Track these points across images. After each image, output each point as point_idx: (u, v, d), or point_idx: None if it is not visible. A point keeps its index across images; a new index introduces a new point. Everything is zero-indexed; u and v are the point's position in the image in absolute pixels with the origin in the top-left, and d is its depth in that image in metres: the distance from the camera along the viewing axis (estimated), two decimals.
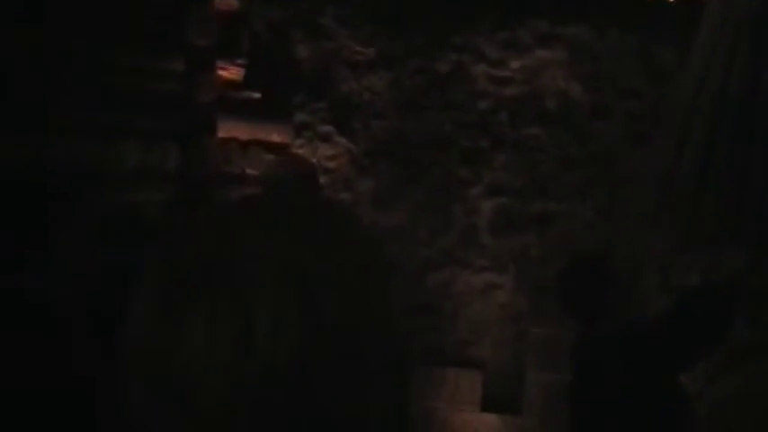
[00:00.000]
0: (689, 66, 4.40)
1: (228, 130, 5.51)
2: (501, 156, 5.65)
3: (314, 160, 5.72)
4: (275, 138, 5.68)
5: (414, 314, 5.58)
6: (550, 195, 5.61)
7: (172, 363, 1.11)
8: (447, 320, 5.55)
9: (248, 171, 5.59)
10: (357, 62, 5.76)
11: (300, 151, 5.71)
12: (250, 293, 1.11)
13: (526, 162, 5.62)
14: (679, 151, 4.59)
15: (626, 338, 3.57)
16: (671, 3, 5.56)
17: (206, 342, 1.09)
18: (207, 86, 5.41)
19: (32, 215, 4.38)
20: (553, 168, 5.63)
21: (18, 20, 5.04)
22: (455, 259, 5.60)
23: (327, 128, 5.72)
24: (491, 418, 5.32)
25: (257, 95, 5.56)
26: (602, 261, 4.22)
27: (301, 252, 1.05)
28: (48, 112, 5.11)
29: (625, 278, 5.29)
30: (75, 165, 5.16)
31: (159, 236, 4.90)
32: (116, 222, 5.32)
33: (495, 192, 5.63)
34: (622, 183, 5.57)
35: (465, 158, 5.65)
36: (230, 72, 5.48)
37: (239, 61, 5.50)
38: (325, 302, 1.05)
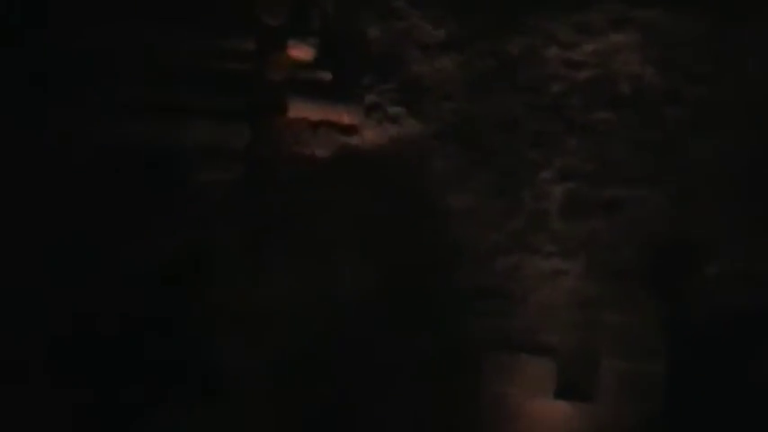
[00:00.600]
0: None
1: (299, 110, 5.49)
2: (572, 140, 5.58)
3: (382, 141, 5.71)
4: (345, 119, 5.66)
5: (482, 297, 5.54)
6: (621, 180, 5.54)
7: (257, 305, 1.22)
8: (515, 305, 5.50)
9: (318, 152, 5.57)
10: (428, 43, 5.71)
11: (370, 132, 5.68)
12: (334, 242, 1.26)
13: (597, 146, 5.55)
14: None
15: (712, 324, 3.52)
16: None
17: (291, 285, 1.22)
18: (277, 65, 5.41)
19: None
20: (624, 153, 5.56)
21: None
22: (524, 244, 5.55)
23: (397, 109, 5.68)
24: (564, 406, 5.28)
25: (328, 76, 5.53)
26: (683, 246, 4.18)
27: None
28: (121, 92, 5.14)
29: (703, 263, 5.25)
30: (148, 143, 5.18)
31: (227, 215, 4.90)
32: (186, 200, 5.35)
33: (565, 176, 5.56)
34: (695, 168, 5.50)
35: (535, 142, 5.60)
36: (301, 51, 5.47)
37: (310, 41, 5.48)
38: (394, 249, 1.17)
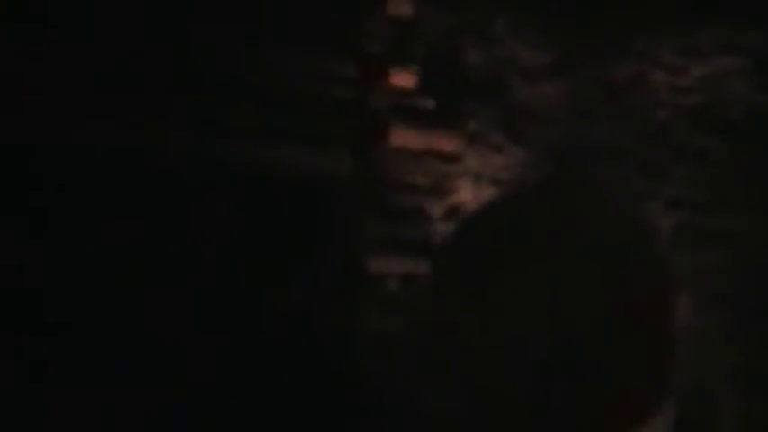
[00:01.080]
0: None
1: (400, 138, 5.40)
2: (680, 168, 5.42)
3: (485, 170, 5.59)
4: (447, 147, 5.56)
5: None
6: (733, 210, 5.36)
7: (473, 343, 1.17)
8: None
9: (419, 181, 5.48)
10: (530, 69, 5.60)
11: (472, 161, 5.58)
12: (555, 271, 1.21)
13: (708, 175, 5.39)
14: None
15: None
16: None
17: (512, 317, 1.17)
18: (380, 93, 5.33)
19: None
20: (736, 182, 5.39)
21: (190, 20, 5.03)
22: None
23: (500, 137, 5.57)
24: None
25: (430, 103, 5.45)
26: None
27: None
28: (223, 112, 5.09)
29: None
30: (248, 167, 5.12)
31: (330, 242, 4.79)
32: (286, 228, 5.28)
33: (675, 206, 5.40)
34: None
35: (642, 170, 5.44)
36: (403, 79, 5.38)
37: (413, 68, 5.40)
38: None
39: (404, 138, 5.44)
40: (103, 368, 4.65)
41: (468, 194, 5.62)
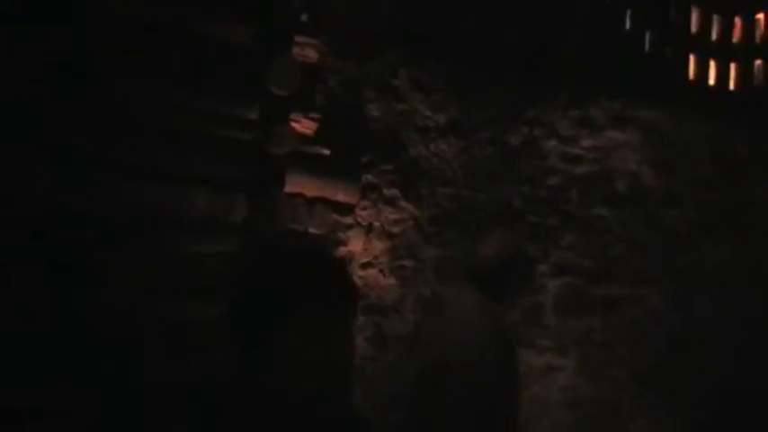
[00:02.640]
0: None
1: (296, 184, 5.28)
2: (569, 235, 5.52)
3: (377, 223, 5.53)
4: (341, 197, 5.47)
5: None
6: (618, 279, 5.49)
7: None
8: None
9: (311, 230, 5.35)
10: (427, 127, 5.60)
11: (364, 213, 5.50)
12: None
13: (594, 243, 5.50)
14: None
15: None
16: (748, 94, 5.58)
17: None
18: (281, 138, 5.19)
19: None
20: (621, 252, 5.52)
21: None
22: (518, 338, 5.40)
23: (393, 191, 5.53)
24: None
25: (327, 152, 5.35)
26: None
27: None
28: (117, 151, 4.83)
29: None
30: (141, 208, 4.87)
31: (219, 290, 4.61)
32: (177, 274, 5.03)
33: (561, 271, 5.48)
34: (693, 269, 5.50)
35: (533, 234, 5.51)
36: (303, 125, 5.27)
37: (314, 115, 5.30)
38: None
39: (299, 185, 5.31)
40: None
41: (358, 246, 5.53)
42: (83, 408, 4.58)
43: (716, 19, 6.07)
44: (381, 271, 5.49)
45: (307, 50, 5.25)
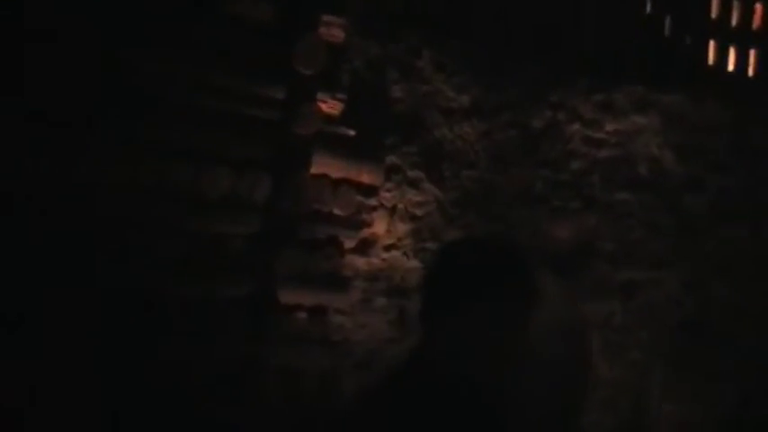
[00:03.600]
0: None
1: (321, 165, 5.25)
2: (591, 217, 5.53)
3: (401, 205, 5.52)
4: (365, 178, 5.45)
5: None
6: (638, 263, 5.51)
7: None
8: None
9: (336, 211, 5.33)
10: (451, 108, 5.59)
11: (388, 195, 5.49)
12: None
13: (616, 226, 5.51)
14: None
15: None
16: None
17: None
18: (307, 118, 5.16)
19: None
20: (642, 235, 5.54)
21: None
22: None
23: (417, 173, 5.52)
24: None
25: (352, 133, 5.33)
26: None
27: None
28: (140, 130, 4.79)
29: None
30: (165, 186, 4.84)
31: (241, 272, 4.59)
32: (200, 253, 5.01)
33: (583, 254, 5.50)
34: (711, 256, 5.53)
35: (555, 217, 5.52)
36: (329, 106, 5.24)
37: (339, 96, 5.27)
38: None
39: (324, 166, 5.28)
40: None
41: (382, 228, 5.53)
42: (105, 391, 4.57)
43: (735, 5, 6.08)
44: (405, 253, 5.48)
45: (333, 29, 5.21)
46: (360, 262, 5.47)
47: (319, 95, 5.22)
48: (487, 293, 1.89)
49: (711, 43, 6.04)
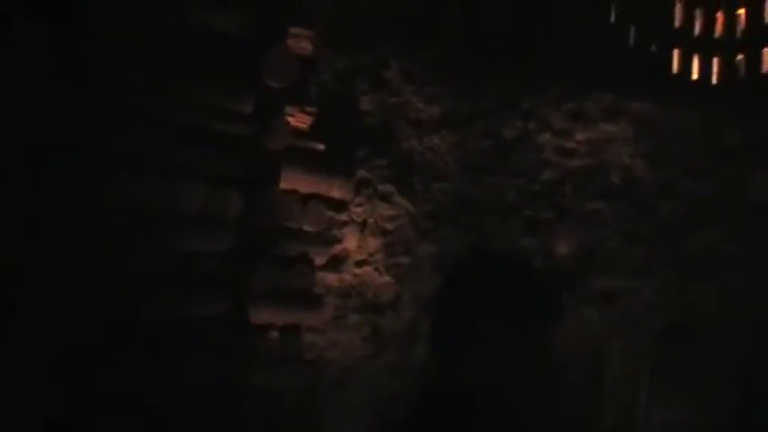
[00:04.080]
0: None
1: (290, 180, 5.12)
2: (565, 227, 5.47)
3: (371, 219, 5.42)
4: (335, 193, 5.33)
5: None
6: (614, 271, 5.45)
7: None
8: None
9: (306, 228, 5.20)
10: (420, 120, 5.50)
11: (359, 209, 5.38)
12: None
13: (590, 236, 5.46)
14: None
15: None
16: (738, 84, 5.61)
17: None
18: (277, 132, 5.03)
19: None
20: (617, 244, 5.49)
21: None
22: None
23: (388, 187, 5.41)
24: None
25: (321, 147, 5.21)
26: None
27: None
28: (109, 145, 4.62)
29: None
30: (137, 201, 4.66)
31: (214, 288, 4.43)
32: (172, 271, 4.84)
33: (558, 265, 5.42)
34: (687, 260, 5.49)
35: (529, 228, 5.45)
36: (298, 119, 5.12)
37: (309, 109, 5.14)
38: None
39: (293, 181, 5.15)
40: None
41: (353, 243, 5.41)
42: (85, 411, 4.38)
43: (698, 14, 6.09)
44: (377, 269, 5.37)
45: (301, 42, 5.09)
46: (331, 278, 5.35)
47: (288, 109, 5.10)
48: (515, 310, 1.82)
49: (676, 51, 6.04)
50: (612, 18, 5.95)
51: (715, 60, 6.04)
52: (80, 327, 4.39)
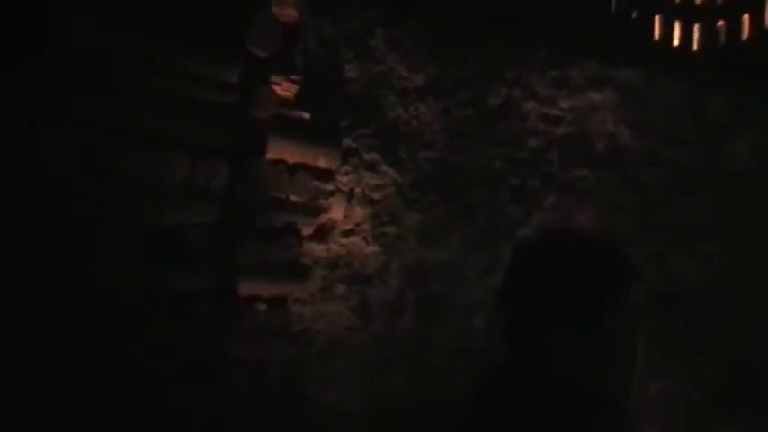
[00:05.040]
0: None
1: (277, 151, 5.05)
2: (551, 196, 5.46)
3: (358, 189, 5.36)
4: (322, 163, 5.27)
5: (458, 355, 5.29)
6: None
7: None
8: None
9: (293, 198, 5.14)
10: (405, 88, 5.45)
11: (345, 179, 5.32)
12: None
13: (576, 204, 5.45)
14: None
15: None
16: (720, 53, 5.61)
17: None
18: (263, 102, 4.95)
19: None
20: (602, 212, 5.49)
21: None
22: None
23: (374, 156, 5.36)
24: None
25: (307, 116, 5.14)
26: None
27: None
28: (92, 113, 4.51)
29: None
30: (122, 172, 4.56)
31: (200, 261, 4.37)
32: (157, 244, 4.76)
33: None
34: (671, 230, 5.51)
35: (515, 197, 5.43)
36: (284, 88, 5.04)
37: (294, 78, 5.07)
38: None
39: (280, 151, 5.08)
40: None
41: (339, 213, 5.36)
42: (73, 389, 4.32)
43: None
44: (364, 238, 5.33)
45: (286, 9, 5.00)
46: (318, 249, 5.30)
47: (273, 78, 5.01)
48: (614, 300, 1.73)
49: (657, 18, 6.01)
50: None
51: (696, 27, 6.02)
52: (64, 298, 4.33)
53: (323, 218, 5.30)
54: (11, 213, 4.12)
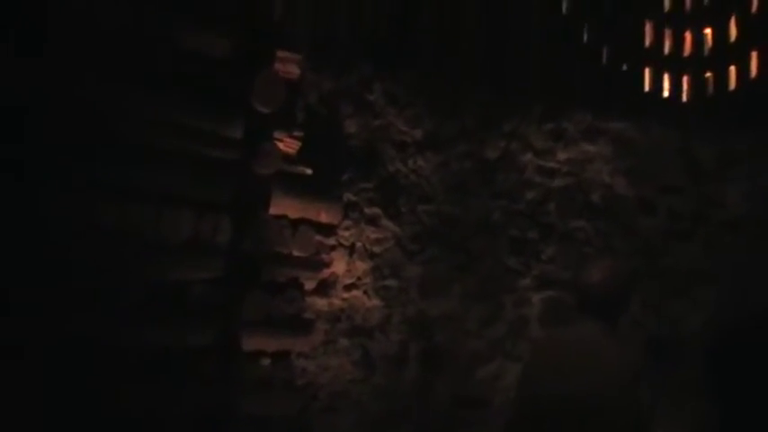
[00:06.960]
0: None
1: (279, 206, 5.09)
2: (549, 247, 5.52)
3: (359, 243, 5.40)
4: (324, 217, 5.32)
5: (461, 406, 5.31)
6: None
7: None
8: (495, 414, 5.28)
9: (295, 252, 5.18)
10: (404, 142, 5.52)
11: (347, 233, 5.37)
12: None
13: (574, 254, 5.51)
14: None
15: None
16: (710, 101, 5.74)
17: None
18: (267, 157, 5.00)
19: None
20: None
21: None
22: (504, 351, 5.37)
23: (374, 210, 5.42)
24: None
25: (309, 171, 5.19)
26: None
27: None
28: (97, 170, 4.52)
29: None
30: (125, 229, 4.56)
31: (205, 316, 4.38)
32: (161, 300, 4.76)
33: (544, 284, 5.47)
34: (667, 276, 5.56)
35: (514, 248, 5.49)
36: (286, 144, 5.10)
37: (296, 133, 5.13)
38: None
39: (282, 206, 5.13)
40: None
41: (341, 267, 5.39)
42: None
43: (667, 33, 6.20)
44: (365, 292, 5.37)
45: (288, 65, 5.07)
46: (321, 303, 5.33)
47: (276, 134, 5.07)
48: None
49: (647, 70, 6.14)
50: (585, 39, 6.02)
51: (685, 78, 6.15)
52: (66, 354, 4.31)
53: (325, 272, 5.34)
54: (11, 275, 4.10)
